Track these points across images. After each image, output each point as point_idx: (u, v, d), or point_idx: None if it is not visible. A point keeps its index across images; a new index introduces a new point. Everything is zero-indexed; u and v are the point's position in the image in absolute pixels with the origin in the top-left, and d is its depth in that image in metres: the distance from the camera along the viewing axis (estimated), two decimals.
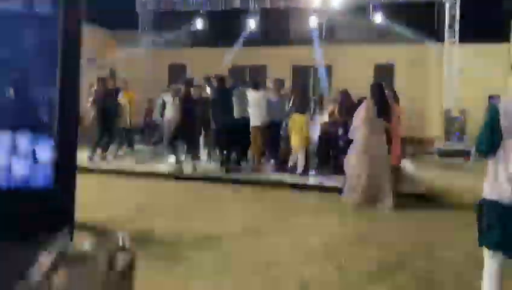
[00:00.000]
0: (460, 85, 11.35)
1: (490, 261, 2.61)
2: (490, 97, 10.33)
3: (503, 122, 2.40)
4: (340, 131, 7.27)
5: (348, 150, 6.21)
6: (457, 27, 11.64)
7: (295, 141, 7.46)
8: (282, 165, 7.74)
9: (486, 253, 2.62)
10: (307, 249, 4.09)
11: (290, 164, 7.59)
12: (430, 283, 3.37)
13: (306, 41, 15.48)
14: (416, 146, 11.62)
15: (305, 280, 3.40)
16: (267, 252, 3.97)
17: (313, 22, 13.09)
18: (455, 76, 11.53)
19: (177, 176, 7.24)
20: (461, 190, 6.38)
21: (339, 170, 6.85)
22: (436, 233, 4.68)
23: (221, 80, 7.92)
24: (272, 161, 8.07)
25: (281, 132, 8.06)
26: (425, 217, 5.33)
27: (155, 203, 5.76)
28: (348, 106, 7.18)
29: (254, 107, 7.71)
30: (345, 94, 7.58)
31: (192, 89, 7.82)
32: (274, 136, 7.97)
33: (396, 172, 6.83)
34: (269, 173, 7.68)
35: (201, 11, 13.80)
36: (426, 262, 3.81)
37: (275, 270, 3.57)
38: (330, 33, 15.73)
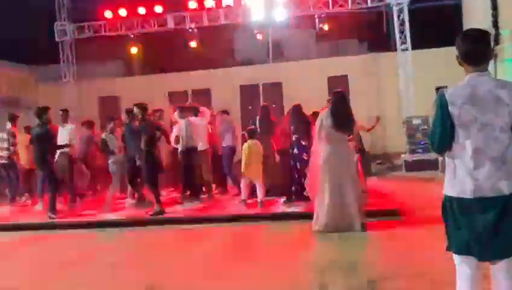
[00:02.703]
0: (417, 92, 11.88)
1: (461, 266, 2.54)
2: (437, 89, 10.69)
3: (452, 110, 2.42)
4: (295, 150, 7.14)
5: (307, 171, 6.18)
6: (408, 34, 12.24)
7: (252, 171, 7.13)
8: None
9: (457, 259, 2.56)
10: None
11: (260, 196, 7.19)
12: None
13: (253, 59, 15.88)
14: (381, 162, 11.95)
15: None
16: None
17: (259, 38, 13.44)
18: (411, 83, 12.05)
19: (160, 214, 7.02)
20: (432, 202, 6.50)
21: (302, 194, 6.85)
22: (411, 250, 4.68)
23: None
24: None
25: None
26: (398, 235, 5.33)
27: None
28: (301, 121, 7.15)
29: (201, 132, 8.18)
30: (295, 109, 7.39)
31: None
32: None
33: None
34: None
35: (132, 36, 13.60)
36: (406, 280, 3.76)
37: None
38: (278, 49, 16.24)
